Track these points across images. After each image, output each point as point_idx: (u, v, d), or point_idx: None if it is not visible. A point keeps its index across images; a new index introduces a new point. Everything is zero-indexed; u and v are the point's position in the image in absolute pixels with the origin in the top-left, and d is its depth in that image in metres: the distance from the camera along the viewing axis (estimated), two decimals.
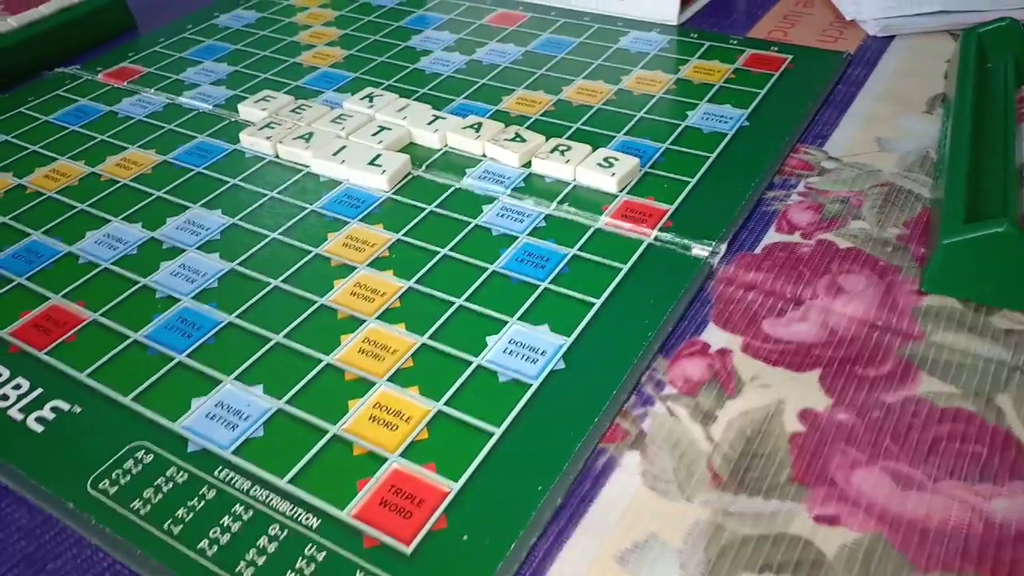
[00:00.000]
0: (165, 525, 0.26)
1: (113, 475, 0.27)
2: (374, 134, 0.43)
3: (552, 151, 0.41)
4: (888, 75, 0.47)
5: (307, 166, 0.42)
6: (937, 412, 0.28)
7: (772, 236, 0.36)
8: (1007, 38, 0.43)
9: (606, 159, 0.40)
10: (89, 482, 0.27)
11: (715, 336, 0.31)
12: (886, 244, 0.35)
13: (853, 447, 0.27)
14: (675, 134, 0.43)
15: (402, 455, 0.27)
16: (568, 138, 0.43)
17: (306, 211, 0.39)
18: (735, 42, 0.51)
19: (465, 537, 0.25)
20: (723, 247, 0.35)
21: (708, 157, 0.41)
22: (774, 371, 0.30)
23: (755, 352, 0.30)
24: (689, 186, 0.39)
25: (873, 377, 0.29)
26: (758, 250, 0.35)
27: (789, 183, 0.39)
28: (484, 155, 0.42)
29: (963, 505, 0.25)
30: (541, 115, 0.45)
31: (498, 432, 0.28)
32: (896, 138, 0.41)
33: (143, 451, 0.28)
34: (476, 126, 0.43)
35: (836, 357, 0.30)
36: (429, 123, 0.44)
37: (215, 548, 0.25)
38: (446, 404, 0.29)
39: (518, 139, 0.42)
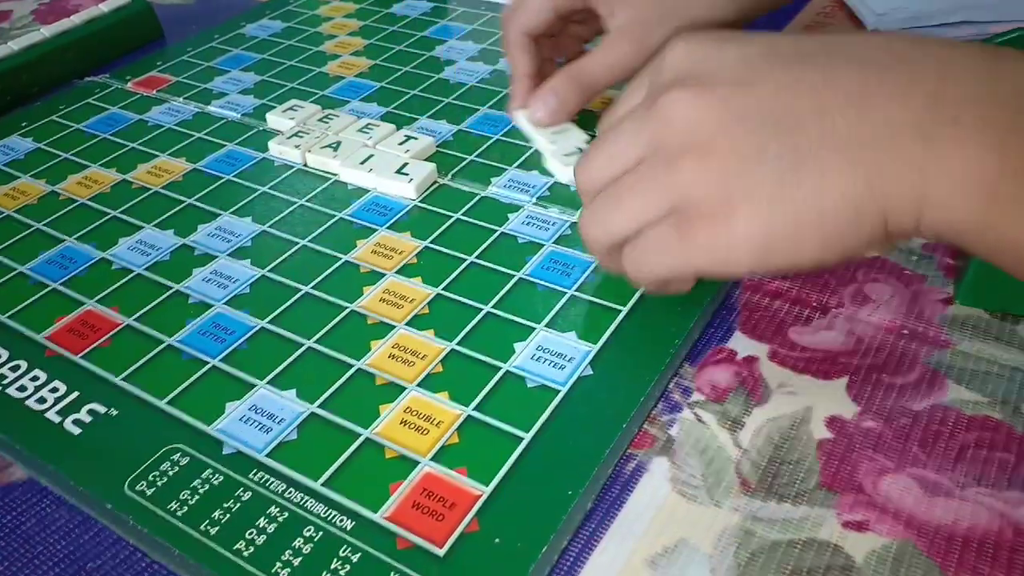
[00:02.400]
0: (202, 526, 0.26)
1: (150, 477, 0.28)
2: (400, 143, 0.44)
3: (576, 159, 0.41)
4: None
5: (335, 174, 0.43)
6: (964, 420, 0.28)
7: None
8: None
9: None
10: (127, 484, 0.28)
11: (741, 343, 0.31)
12: (911, 254, 0.35)
13: (881, 454, 0.27)
14: None
15: (433, 459, 0.28)
16: None
17: (335, 219, 0.40)
18: None
19: (497, 540, 0.25)
20: None
21: None
22: (801, 378, 0.30)
23: (782, 360, 0.31)
24: None
25: (900, 385, 0.29)
26: None
27: None
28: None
29: (992, 512, 0.25)
30: None
31: (528, 437, 0.28)
32: None
33: (179, 453, 0.29)
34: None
35: (863, 365, 0.30)
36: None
37: (252, 549, 0.25)
38: (475, 409, 0.29)
39: None
